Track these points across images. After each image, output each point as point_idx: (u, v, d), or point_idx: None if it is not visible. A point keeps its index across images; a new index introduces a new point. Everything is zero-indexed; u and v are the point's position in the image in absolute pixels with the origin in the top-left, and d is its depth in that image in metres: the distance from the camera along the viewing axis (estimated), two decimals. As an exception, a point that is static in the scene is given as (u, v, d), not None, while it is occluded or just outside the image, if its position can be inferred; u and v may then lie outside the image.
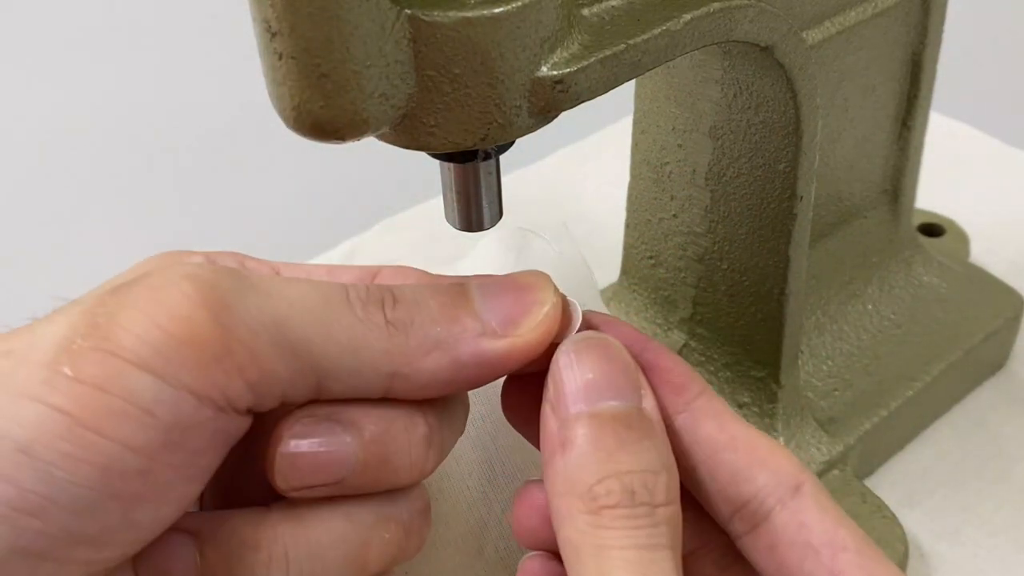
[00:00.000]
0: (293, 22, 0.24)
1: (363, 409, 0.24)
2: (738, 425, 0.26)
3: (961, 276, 0.51)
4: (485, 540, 0.32)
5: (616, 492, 0.23)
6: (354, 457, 0.24)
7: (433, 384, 0.25)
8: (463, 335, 0.24)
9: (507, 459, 0.32)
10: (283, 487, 0.24)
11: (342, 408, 0.24)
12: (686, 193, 0.42)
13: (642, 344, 0.27)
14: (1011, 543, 0.44)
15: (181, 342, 0.21)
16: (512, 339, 0.25)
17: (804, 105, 0.36)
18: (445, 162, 0.31)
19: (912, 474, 0.47)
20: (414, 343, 0.24)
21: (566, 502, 0.24)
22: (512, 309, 0.25)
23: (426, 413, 0.25)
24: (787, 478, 0.25)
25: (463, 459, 0.31)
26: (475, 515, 0.32)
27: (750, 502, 0.25)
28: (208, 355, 0.21)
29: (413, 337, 0.24)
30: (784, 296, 0.41)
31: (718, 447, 0.26)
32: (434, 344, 0.24)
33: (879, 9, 0.40)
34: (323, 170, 0.76)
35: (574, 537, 0.23)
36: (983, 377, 0.51)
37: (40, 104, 0.86)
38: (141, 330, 0.21)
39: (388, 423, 0.24)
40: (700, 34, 0.30)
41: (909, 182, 0.48)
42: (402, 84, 0.26)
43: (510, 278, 0.26)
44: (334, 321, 0.23)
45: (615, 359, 0.25)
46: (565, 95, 0.27)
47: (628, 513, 0.23)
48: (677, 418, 0.26)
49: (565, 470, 0.24)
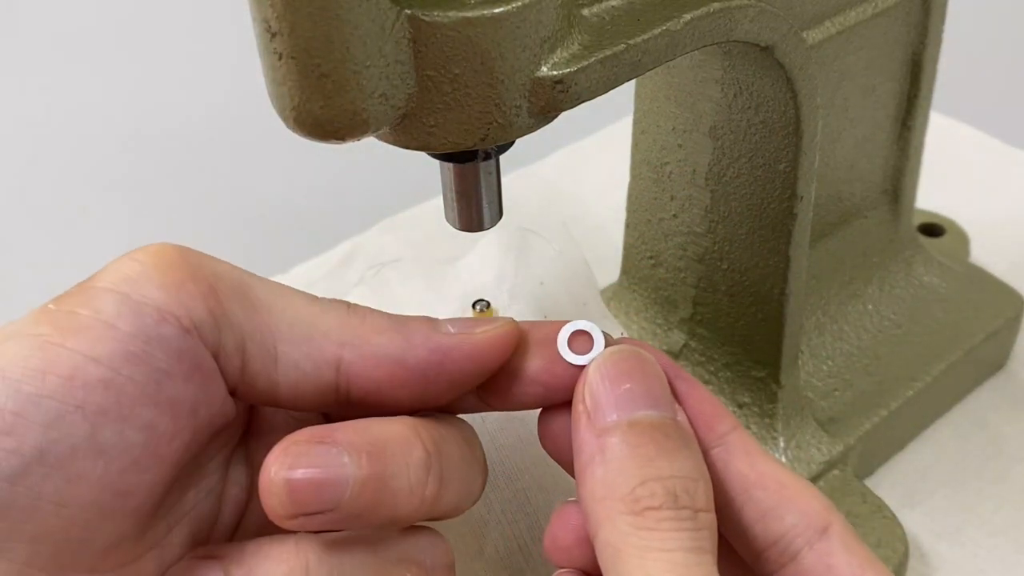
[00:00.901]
0: (293, 22, 0.24)
1: (357, 430, 0.24)
2: (768, 463, 0.26)
3: (961, 276, 0.51)
4: (485, 540, 0.32)
5: (659, 494, 0.23)
6: (352, 478, 0.23)
7: (383, 360, 0.25)
8: (417, 325, 0.26)
9: (507, 459, 0.32)
10: (280, 514, 0.23)
11: (335, 428, 0.24)
12: (686, 193, 0.42)
13: (675, 372, 0.27)
14: (1011, 543, 0.44)
15: (150, 267, 0.23)
16: (464, 336, 0.26)
17: (804, 105, 0.36)
18: (445, 162, 0.31)
19: (912, 474, 0.47)
20: (369, 324, 0.25)
21: (606, 505, 0.24)
22: (471, 324, 0.26)
23: (422, 435, 0.25)
24: (816, 519, 0.25)
25: None
26: (475, 515, 0.32)
27: (778, 542, 0.25)
28: (172, 278, 0.23)
29: (369, 320, 0.26)
30: (784, 296, 0.41)
31: (748, 484, 0.26)
32: (388, 326, 0.26)
33: (879, 9, 0.40)
34: (323, 170, 0.76)
35: (615, 539, 0.23)
36: (983, 377, 0.51)
37: (39, 104, 0.86)
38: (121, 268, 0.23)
39: (383, 443, 0.24)
40: (700, 34, 0.30)
41: (909, 182, 0.48)
42: (402, 84, 0.26)
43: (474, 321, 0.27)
44: (299, 298, 0.25)
45: (649, 371, 0.26)
46: (565, 95, 0.27)
47: (672, 515, 0.23)
48: (709, 453, 0.26)
49: (605, 475, 0.24)
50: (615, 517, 0.23)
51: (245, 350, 0.25)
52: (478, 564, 0.32)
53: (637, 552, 0.23)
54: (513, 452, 0.32)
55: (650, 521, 0.23)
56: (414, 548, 0.26)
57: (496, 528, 0.32)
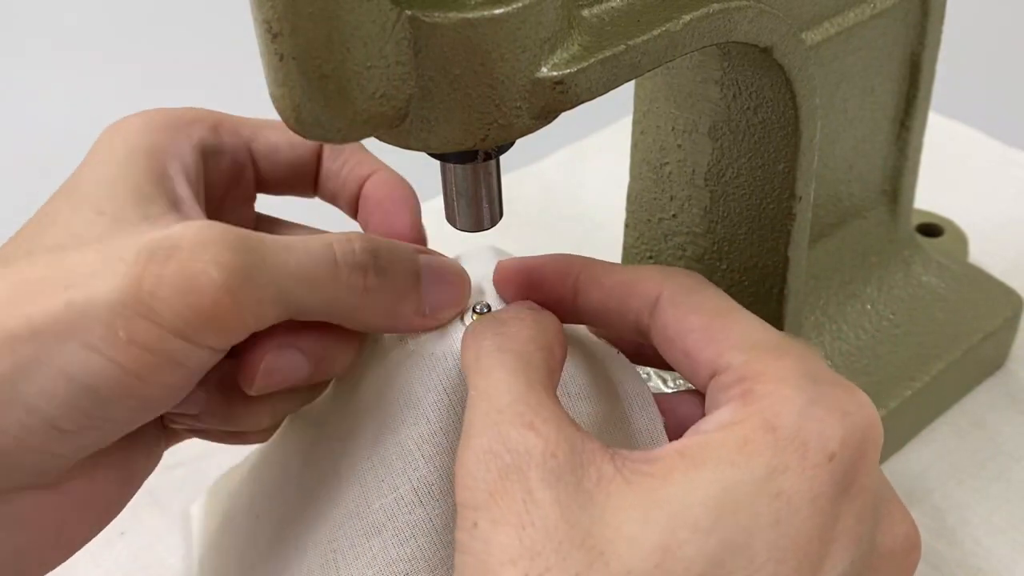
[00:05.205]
0: (294, 23, 0.24)
1: (317, 340, 0.31)
2: (617, 272, 0.32)
3: (960, 276, 0.51)
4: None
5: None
6: (306, 374, 0.31)
7: (367, 328, 0.32)
8: (406, 313, 0.32)
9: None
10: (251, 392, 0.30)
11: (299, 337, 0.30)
12: (686, 193, 0.42)
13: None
14: (1010, 543, 0.44)
15: (207, 319, 0.27)
16: (430, 321, 0.32)
17: (803, 105, 0.36)
18: (445, 162, 0.31)
19: (911, 474, 0.47)
20: (372, 307, 0.31)
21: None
22: (441, 298, 0.32)
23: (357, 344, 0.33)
24: (650, 295, 0.30)
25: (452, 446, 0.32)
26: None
27: (637, 329, 0.31)
28: (226, 326, 0.28)
29: (374, 302, 0.31)
30: (783, 296, 0.41)
31: (605, 299, 0.32)
32: (384, 312, 0.31)
33: (878, 10, 0.40)
34: (323, 170, 0.76)
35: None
36: (982, 377, 0.51)
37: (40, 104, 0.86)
38: (178, 307, 0.27)
39: (332, 351, 0.32)
40: (699, 35, 0.30)
41: (908, 182, 0.48)
42: (403, 85, 0.26)
43: (447, 267, 0.33)
44: (320, 284, 0.29)
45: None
46: (565, 96, 0.27)
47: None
48: (576, 298, 0.32)
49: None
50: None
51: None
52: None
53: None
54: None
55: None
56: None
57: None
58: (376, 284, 0.30)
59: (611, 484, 0.25)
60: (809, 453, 0.25)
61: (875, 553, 0.27)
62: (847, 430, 0.26)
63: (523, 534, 0.24)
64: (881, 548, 0.27)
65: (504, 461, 0.25)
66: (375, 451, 0.32)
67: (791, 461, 0.25)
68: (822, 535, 0.25)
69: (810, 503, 0.25)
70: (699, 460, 0.25)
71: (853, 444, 0.26)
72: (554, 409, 0.27)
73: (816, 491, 0.25)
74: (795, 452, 0.25)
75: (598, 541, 0.24)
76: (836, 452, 0.25)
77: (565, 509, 0.24)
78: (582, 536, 0.24)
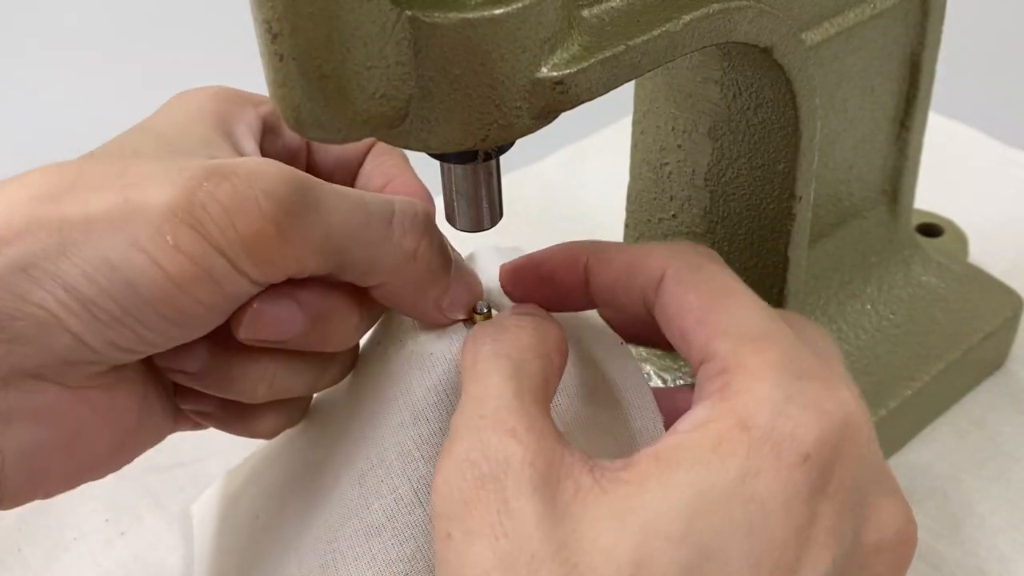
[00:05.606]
0: (294, 23, 0.24)
1: (317, 294, 0.30)
2: (621, 252, 0.32)
3: (960, 276, 0.51)
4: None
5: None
6: (300, 330, 0.30)
7: (390, 301, 0.32)
8: (432, 297, 0.32)
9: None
10: (243, 337, 0.30)
11: (300, 290, 0.30)
12: (686, 193, 0.42)
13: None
14: (1010, 543, 0.44)
15: (249, 245, 0.27)
16: (442, 316, 0.33)
17: (803, 106, 0.36)
18: (445, 162, 0.31)
19: (911, 474, 0.47)
20: (409, 276, 0.31)
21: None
22: (459, 297, 0.33)
23: (361, 308, 0.32)
24: (654, 273, 0.30)
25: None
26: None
27: (644, 306, 0.31)
28: (265, 257, 0.28)
29: (413, 272, 0.31)
30: (783, 296, 0.41)
31: (612, 281, 0.32)
32: (415, 287, 0.31)
33: (878, 10, 0.40)
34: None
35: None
36: (982, 377, 0.51)
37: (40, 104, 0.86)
38: (223, 225, 0.27)
39: (332, 308, 0.31)
40: (699, 35, 0.30)
41: (908, 182, 0.48)
42: (403, 85, 0.26)
43: (466, 268, 0.34)
44: (369, 240, 0.30)
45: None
46: (565, 96, 0.27)
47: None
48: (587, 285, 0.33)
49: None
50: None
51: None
52: None
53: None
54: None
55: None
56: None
57: None
58: (424, 254, 0.31)
59: (588, 495, 0.25)
60: (783, 453, 0.25)
61: (861, 549, 0.27)
62: (823, 429, 0.26)
63: (496, 545, 0.24)
64: (867, 543, 0.27)
65: (481, 470, 0.25)
66: (375, 452, 0.32)
67: (765, 463, 0.25)
68: (798, 537, 0.25)
69: (784, 506, 0.25)
70: (673, 463, 0.25)
71: (830, 443, 0.26)
72: (539, 418, 0.26)
73: (790, 493, 0.25)
74: (769, 453, 0.25)
75: (572, 553, 0.24)
76: (811, 452, 0.25)
77: (540, 520, 0.24)
78: (556, 548, 0.24)
